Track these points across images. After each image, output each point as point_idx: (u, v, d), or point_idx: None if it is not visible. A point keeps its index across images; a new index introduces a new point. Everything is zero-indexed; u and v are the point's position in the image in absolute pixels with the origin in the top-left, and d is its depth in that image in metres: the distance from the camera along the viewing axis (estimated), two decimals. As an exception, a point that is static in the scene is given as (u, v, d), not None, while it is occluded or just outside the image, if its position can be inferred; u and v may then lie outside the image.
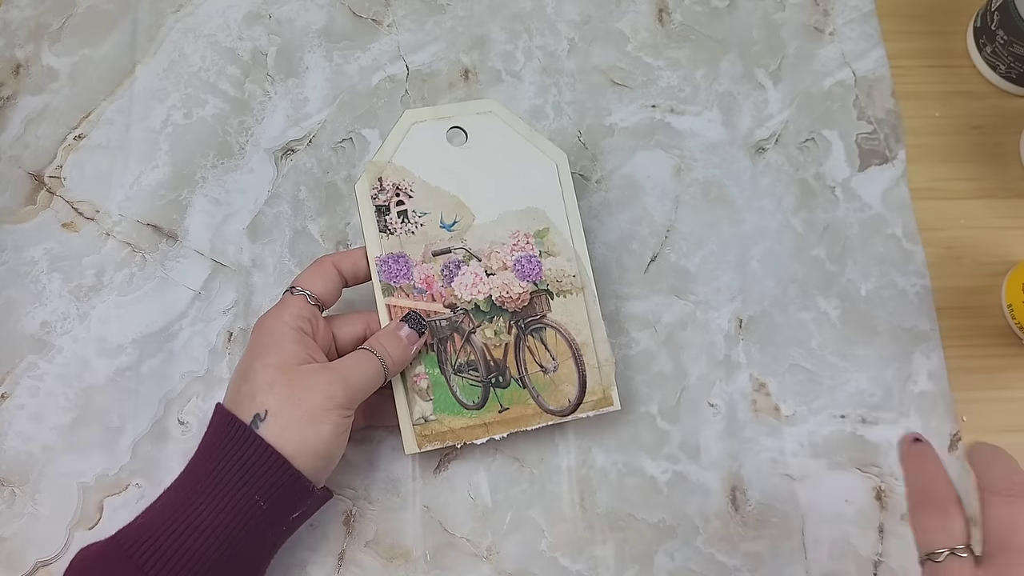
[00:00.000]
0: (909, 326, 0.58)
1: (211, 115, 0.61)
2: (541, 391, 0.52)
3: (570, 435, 0.55)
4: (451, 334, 0.52)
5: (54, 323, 0.56)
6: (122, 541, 0.42)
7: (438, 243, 0.52)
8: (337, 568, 0.52)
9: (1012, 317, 0.58)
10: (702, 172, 0.61)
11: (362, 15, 0.64)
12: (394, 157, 0.53)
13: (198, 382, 0.55)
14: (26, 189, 0.59)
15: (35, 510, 0.52)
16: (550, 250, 0.53)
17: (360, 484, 0.53)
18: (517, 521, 0.53)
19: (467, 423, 0.51)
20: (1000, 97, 0.64)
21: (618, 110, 0.63)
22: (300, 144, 0.61)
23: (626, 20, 0.65)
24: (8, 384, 0.54)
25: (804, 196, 0.61)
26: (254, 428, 0.43)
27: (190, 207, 0.59)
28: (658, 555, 0.53)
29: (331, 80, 0.62)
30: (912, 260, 0.60)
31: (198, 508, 0.42)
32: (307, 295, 0.48)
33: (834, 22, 0.66)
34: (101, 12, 0.63)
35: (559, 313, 0.53)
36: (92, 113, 0.61)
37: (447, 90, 0.63)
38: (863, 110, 0.63)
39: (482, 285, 0.52)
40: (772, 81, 0.64)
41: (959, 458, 0.55)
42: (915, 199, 0.61)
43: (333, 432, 0.44)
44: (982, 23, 0.63)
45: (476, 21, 0.64)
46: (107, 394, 0.55)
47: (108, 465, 0.53)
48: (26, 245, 0.57)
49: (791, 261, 0.60)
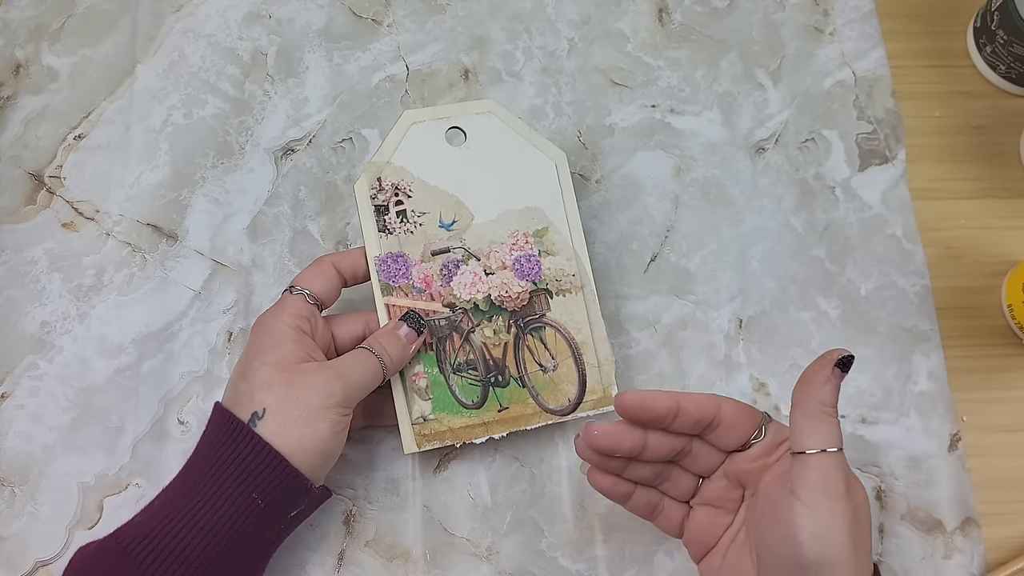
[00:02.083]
0: (909, 326, 0.58)
1: (211, 115, 0.61)
2: (541, 390, 0.52)
3: (570, 435, 0.55)
4: (450, 333, 0.52)
5: (54, 323, 0.56)
6: (120, 539, 0.42)
7: (437, 242, 0.52)
8: (337, 568, 0.52)
9: (1012, 317, 0.58)
10: (702, 172, 0.61)
11: (362, 15, 0.64)
12: (393, 157, 0.53)
13: (198, 382, 0.55)
14: (26, 189, 0.59)
15: (35, 510, 0.52)
16: (549, 249, 0.53)
17: (360, 484, 0.53)
18: (517, 521, 0.53)
19: (466, 422, 0.51)
20: (1000, 97, 0.64)
21: (618, 110, 0.63)
22: (300, 144, 0.61)
23: (626, 20, 0.65)
24: (8, 384, 0.55)
25: (804, 196, 0.61)
26: (252, 426, 0.43)
27: (190, 207, 0.59)
28: (658, 555, 0.53)
29: (331, 80, 0.62)
30: (912, 260, 0.60)
31: (196, 506, 0.42)
32: (306, 294, 0.48)
33: (834, 22, 0.66)
34: (101, 12, 0.63)
35: (558, 312, 0.53)
36: (92, 113, 0.61)
37: (447, 90, 0.63)
38: (863, 110, 0.63)
39: (481, 284, 0.52)
40: (772, 81, 0.64)
41: (959, 458, 0.55)
42: (915, 199, 0.61)
43: (331, 430, 0.45)
44: (982, 23, 0.63)
45: (476, 21, 0.65)
46: (107, 394, 0.55)
47: (108, 465, 0.53)
48: (26, 245, 0.57)
49: (791, 261, 0.60)
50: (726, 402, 0.43)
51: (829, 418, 0.39)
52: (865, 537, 0.39)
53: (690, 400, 0.42)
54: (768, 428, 0.43)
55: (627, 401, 0.42)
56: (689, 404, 0.42)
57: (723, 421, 0.43)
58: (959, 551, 0.54)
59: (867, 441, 0.56)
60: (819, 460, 0.38)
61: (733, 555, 0.44)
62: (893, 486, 0.55)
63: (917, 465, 0.55)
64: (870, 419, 0.56)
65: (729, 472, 0.44)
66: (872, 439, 0.56)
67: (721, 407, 0.43)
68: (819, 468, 0.38)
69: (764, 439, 0.43)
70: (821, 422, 0.39)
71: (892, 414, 0.56)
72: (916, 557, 0.53)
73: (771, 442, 0.43)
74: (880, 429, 0.56)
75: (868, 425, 0.56)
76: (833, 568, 0.37)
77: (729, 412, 0.43)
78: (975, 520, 0.54)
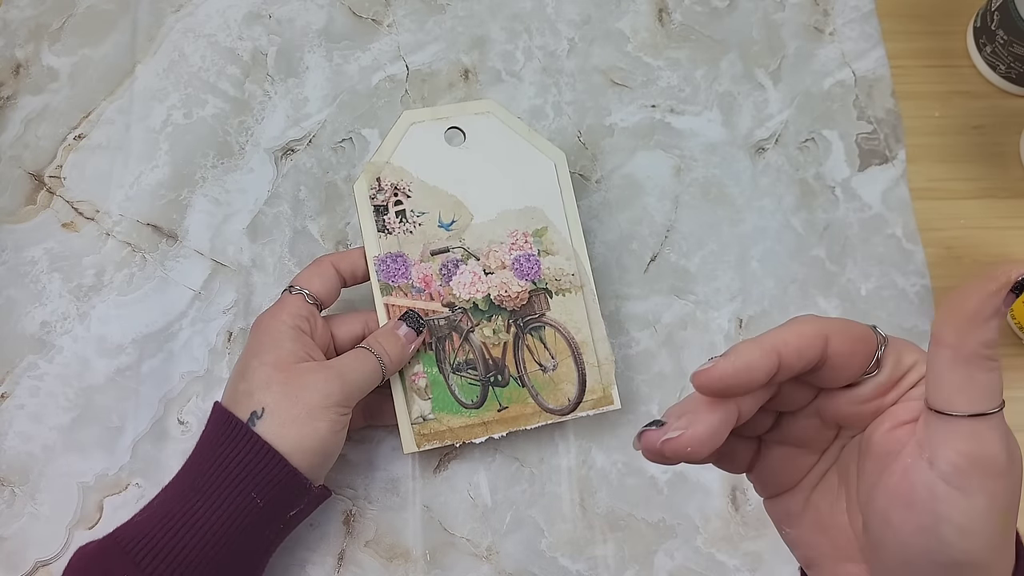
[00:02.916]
0: (909, 326, 0.58)
1: (211, 115, 0.61)
2: (540, 390, 0.52)
3: (570, 435, 0.55)
4: (449, 333, 0.52)
5: (54, 323, 0.56)
6: (120, 539, 0.42)
7: (436, 242, 0.52)
8: (337, 568, 0.52)
9: (1012, 317, 0.58)
10: (702, 172, 0.61)
11: (362, 15, 0.64)
12: (392, 157, 0.53)
13: (198, 382, 0.55)
14: (26, 189, 0.59)
15: (35, 510, 0.52)
16: (548, 249, 0.53)
17: (360, 484, 0.53)
18: (517, 521, 0.53)
19: (466, 422, 0.51)
20: (1000, 97, 0.64)
21: (618, 110, 0.63)
22: (300, 144, 0.61)
23: (626, 20, 0.65)
24: (8, 384, 0.55)
25: (804, 196, 0.61)
26: (251, 426, 0.43)
27: (190, 207, 0.59)
28: (658, 555, 0.53)
29: (331, 80, 0.62)
30: (912, 260, 0.60)
31: (195, 506, 0.42)
32: (305, 294, 0.48)
33: (834, 22, 0.66)
34: (101, 12, 0.63)
35: (558, 312, 0.53)
36: (92, 113, 0.61)
37: (447, 90, 0.63)
38: (863, 110, 0.63)
39: (480, 284, 0.52)
40: (772, 81, 0.64)
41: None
42: (915, 199, 0.61)
43: (330, 430, 0.45)
44: (982, 23, 0.63)
45: (476, 21, 0.65)
46: (107, 394, 0.55)
47: (108, 465, 0.53)
48: (26, 245, 0.57)
49: (791, 261, 0.60)
50: (835, 333, 0.30)
51: (991, 365, 0.28)
52: (1015, 517, 0.29)
53: (793, 347, 0.30)
54: (886, 356, 0.31)
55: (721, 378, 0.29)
56: (791, 354, 0.30)
57: (829, 361, 0.31)
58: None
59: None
60: (974, 427, 0.27)
61: (820, 501, 0.34)
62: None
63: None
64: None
65: (825, 411, 0.33)
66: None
67: (829, 343, 0.30)
68: (975, 438, 0.27)
69: (880, 375, 0.31)
70: (981, 371, 0.27)
71: (892, 414, 0.56)
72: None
73: (888, 379, 0.31)
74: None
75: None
76: (978, 570, 0.28)
77: (838, 348, 0.30)
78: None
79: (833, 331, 0.30)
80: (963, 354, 0.28)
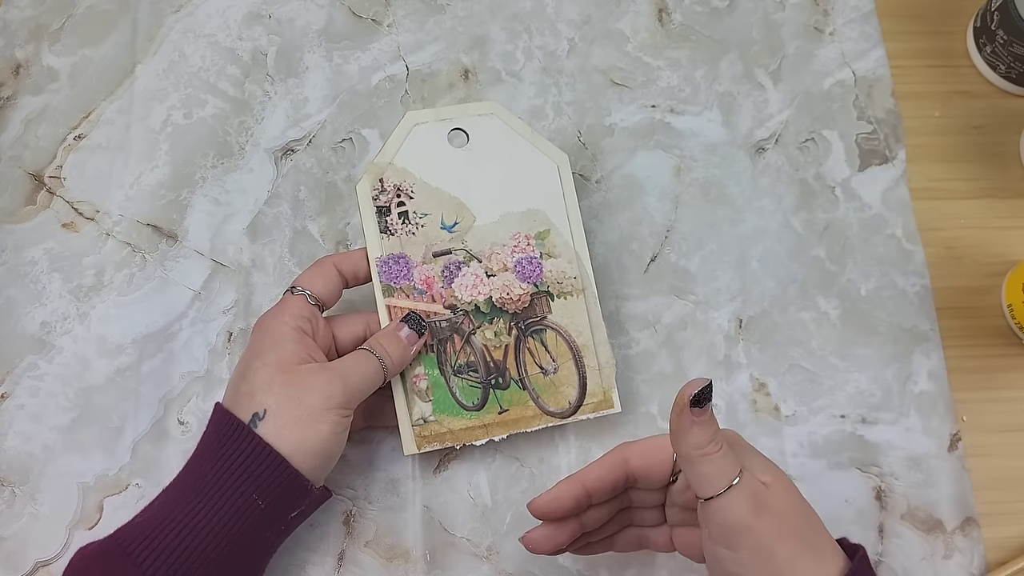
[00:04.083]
0: (909, 326, 0.58)
1: (211, 115, 0.61)
2: (541, 393, 0.52)
3: (570, 435, 0.55)
4: (451, 335, 0.52)
5: (54, 323, 0.56)
6: (121, 540, 0.42)
7: (439, 244, 0.52)
8: (337, 568, 0.52)
9: (1012, 317, 0.58)
10: (702, 172, 0.61)
11: (362, 15, 0.64)
12: (395, 158, 0.53)
13: (198, 382, 0.55)
14: (26, 189, 0.59)
15: (35, 510, 0.52)
16: (551, 252, 0.53)
17: (360, 484, 0.53)
18: (517, 521, 0.53)
19: (466, 424, 0.51)
20: (1000, 97, 0.64)
21: (618, 110, 0.63)
22: (300, 144, 0.61)
23: (626, 20, 0.65)
24: (8, 384, 0.54)
25: (804, 196, 0.61)
26: (252, 427, 0.43)
27: (190, 207, 0.59)
28: (658, 555, 0.53)
29: (331, 80, 0.62)
30: (912, 260, 0.60)
31: (196, 507, 0.42)
32: (307, 295, 0.48)
33: (834, 22, 0.66)
34: (101, 12, 0.63)
35: (560, 315, 0.53)
36: (92, 113, 0.61)
37: (447, 90, 0.63)
38: (863, 110, 0.63)
39: (482, 286, 0.52)
40: (772, 81, 0.64)
41: (959, 458, 0.56)
42: (915, 199, 0.61)
43: (332, 431, 0.45)
44: (982, 23, 0.63)
45: (476, 21, 0.64)
46: (107, 394, 0.55)
47: (108, 465, 0.53)
48: (26, 245, 0.57)
49: (791, 261, 0.60)
50: (633, 454, 0.44)
51: (710, 457, 0.38)
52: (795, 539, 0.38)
53: (594, 476, 0.43)
54: None
55: (539, 509, 0.43)
56: (595, 482, 0.43)
57: (636, 474, 0.44)
58: (959, 551, 0.54)
59: (867, 441, 0.56)
60: (718, 504, 0.38)
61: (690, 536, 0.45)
62: (893, 486, 0.55)
63: (917, 465, 0.55)
64: (870, 419, 0.56)
65: (675, 500, 0.45)
66: (872, 439, 0.56)
67: (628, 463, 0.43)
68: (721, 512, 0.38)
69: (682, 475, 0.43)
70: (703, 466, 0.38)
71: (892, 414, 0.56)
72: (916, 557, 0.53)
73: None
74: (880, 429, 0.56)
75: (868, 425, 0.56)
76: None
77: (638, 464, 0.43)
78: (975, 520, 0.54)
79: (632, 452, 0.43)
80: (685, 457, 0.38)
